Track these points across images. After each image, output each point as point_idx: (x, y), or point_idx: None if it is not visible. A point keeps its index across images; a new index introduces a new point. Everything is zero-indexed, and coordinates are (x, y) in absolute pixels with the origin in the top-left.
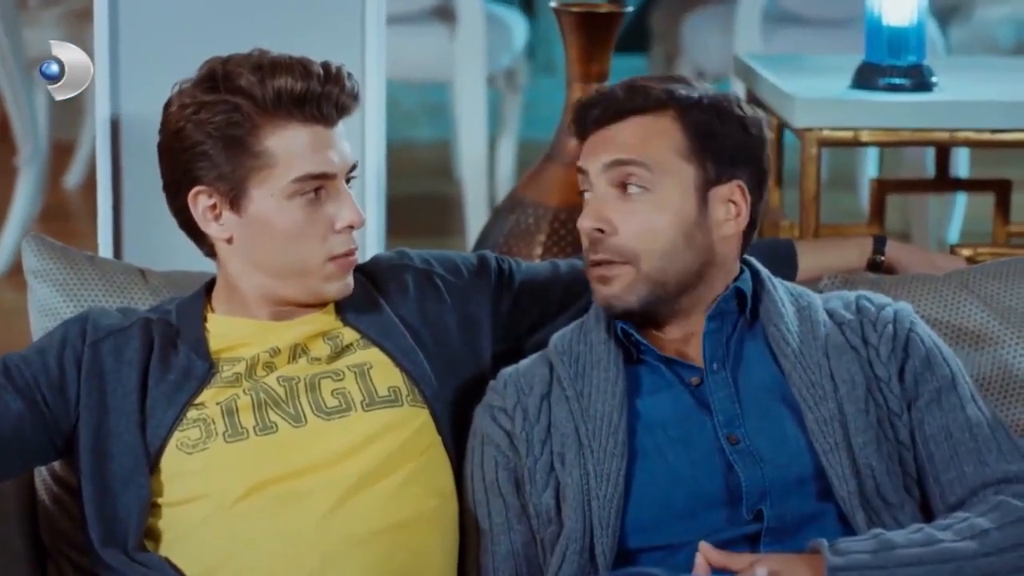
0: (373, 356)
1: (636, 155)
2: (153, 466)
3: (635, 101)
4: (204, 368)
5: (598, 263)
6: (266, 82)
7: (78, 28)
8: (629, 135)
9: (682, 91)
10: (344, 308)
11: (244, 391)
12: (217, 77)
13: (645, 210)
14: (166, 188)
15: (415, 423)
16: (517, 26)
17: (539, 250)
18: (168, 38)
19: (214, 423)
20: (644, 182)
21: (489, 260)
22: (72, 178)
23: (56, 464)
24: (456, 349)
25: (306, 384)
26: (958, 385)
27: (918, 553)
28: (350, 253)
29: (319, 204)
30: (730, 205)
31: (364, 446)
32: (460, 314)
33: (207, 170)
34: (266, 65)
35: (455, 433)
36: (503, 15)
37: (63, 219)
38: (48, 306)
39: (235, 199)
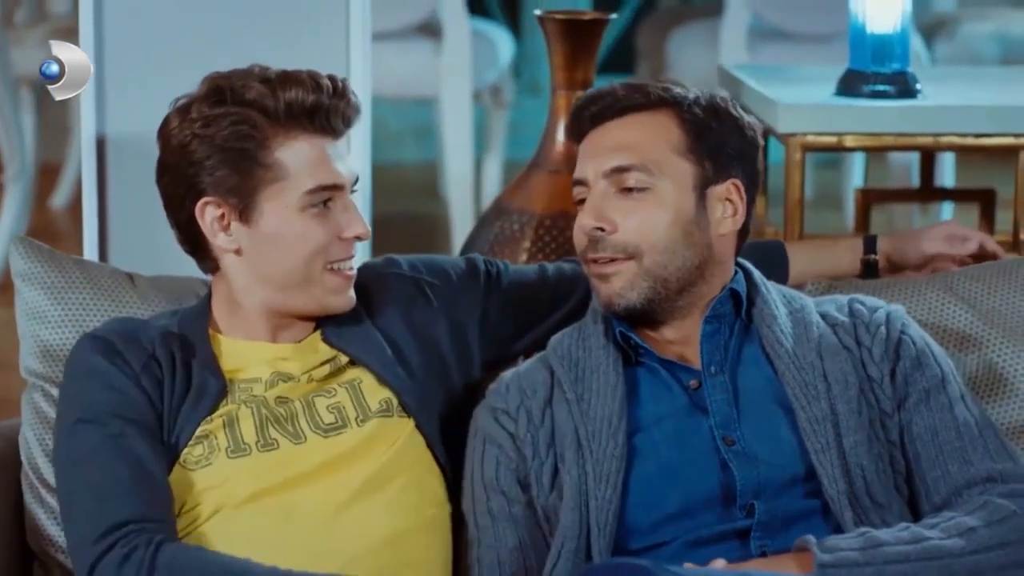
0: (361, 372)
1: (635, 160)
2: None
3: (634, 99)
4: (218, 387)
5: (597, 260)
6: (277, 94)
7: None
8: (627, 134)
9: (679, 90)
10: (327, 328)
11: (245, 404)
12: (223, 91)
13: (645, 207)
14: (168, 203)
15: (403, 432)
16: (502, 42)
17: (524, 257)
18: (153, 56)
19: (216, 439)
20: (644, 183)
21: (478, 263)
22: (58, 199)
23: (41, 466)
24: (446, 355)
25: (302, 404)
26: (948, 385)
27: (905, 550)
28: (347, 259)
29: (328, 215)
30: (727, 204)
31: (361, 455)
32: (449, 319)
33: (215, 184)
34: (274, 78)
35: (446, 441)
36: (488, 31)
37: (49, 239)
38: (35, 309)
39: (244, 211)
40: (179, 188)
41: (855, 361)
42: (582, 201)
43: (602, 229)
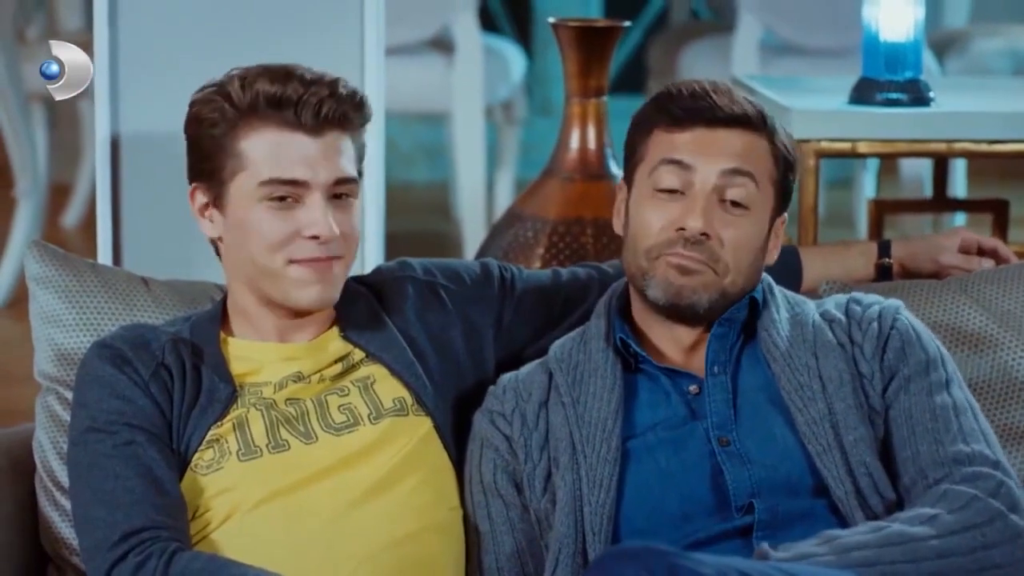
0: (376, 370)
1: (752, 168)
2: None
3: (751, 115)
4: (227, 392)
5: (683, 253)
6: (247, 85)
7: None
8: (741, 145)
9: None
10: (346, 325)
11: (255, 407)
12: (215, 81)
13: (743, 226)
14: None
15: (419, 432)
16: (514, 58)
17: (538, 263)
18: (166, 62)
19: (227, 442)
20: (747, 199)
21: (492, 268)
22: (70, 217)
23: (55, 469)
24: (461, 359)
25: (314, 403)
26: (933, 371)
27: (865, 539)
28: (314, 260)
29: (288, 210)
30: (774, 237)
31: (372, 453)
32: (464, 323)
33: (198, 168)
34: (260, 71)
35: (459, 443)
36: (500, 47)
37: None
38: (50, 313)
39: (218, 198)
40: (185, 174)
41: (847, 358)
42: (666, 191)
43: (707, 235)
